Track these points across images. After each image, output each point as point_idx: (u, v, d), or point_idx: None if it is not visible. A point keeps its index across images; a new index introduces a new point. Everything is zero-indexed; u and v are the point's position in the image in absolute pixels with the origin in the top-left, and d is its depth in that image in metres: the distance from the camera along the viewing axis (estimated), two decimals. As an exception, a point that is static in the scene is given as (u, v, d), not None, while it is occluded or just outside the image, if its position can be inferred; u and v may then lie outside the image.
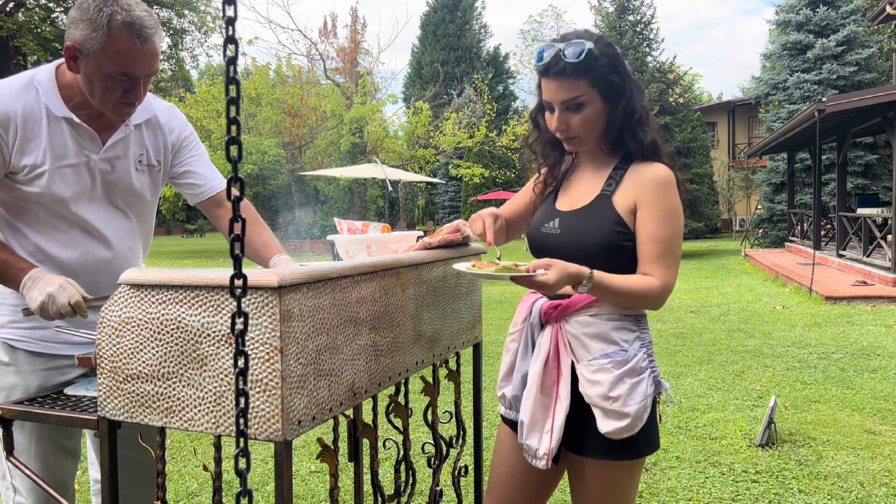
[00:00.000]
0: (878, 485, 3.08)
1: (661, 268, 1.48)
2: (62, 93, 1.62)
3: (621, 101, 1.52)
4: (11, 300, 1.68)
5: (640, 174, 1.53)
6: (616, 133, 1.55)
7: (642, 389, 1.49)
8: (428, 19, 34.64)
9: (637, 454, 1.53)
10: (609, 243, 1.50)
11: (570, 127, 1.52)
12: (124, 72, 1.53)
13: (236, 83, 0.75)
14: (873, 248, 10.22)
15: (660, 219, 1.49)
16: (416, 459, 3.24)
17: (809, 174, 16.59)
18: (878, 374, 4.99)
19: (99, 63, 1.51)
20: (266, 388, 1.15)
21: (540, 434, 1.52)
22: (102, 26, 1.48)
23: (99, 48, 1.50)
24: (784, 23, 17.96)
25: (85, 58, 1.53)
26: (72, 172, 1.64)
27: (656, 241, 1.48)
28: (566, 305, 1.53)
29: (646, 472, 3.28)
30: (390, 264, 1.53)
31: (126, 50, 1.51)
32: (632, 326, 1.53)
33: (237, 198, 0.76)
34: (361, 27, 27.63)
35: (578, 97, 1.48)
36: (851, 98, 9.50)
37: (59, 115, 1.60)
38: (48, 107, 1.60)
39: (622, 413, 1.46)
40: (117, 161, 1.71)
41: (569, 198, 1.63)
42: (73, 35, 1.53)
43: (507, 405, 1.65)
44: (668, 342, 6.31)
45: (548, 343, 1.54)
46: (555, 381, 1.53)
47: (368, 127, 21.15)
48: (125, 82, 1.55)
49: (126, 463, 1.58)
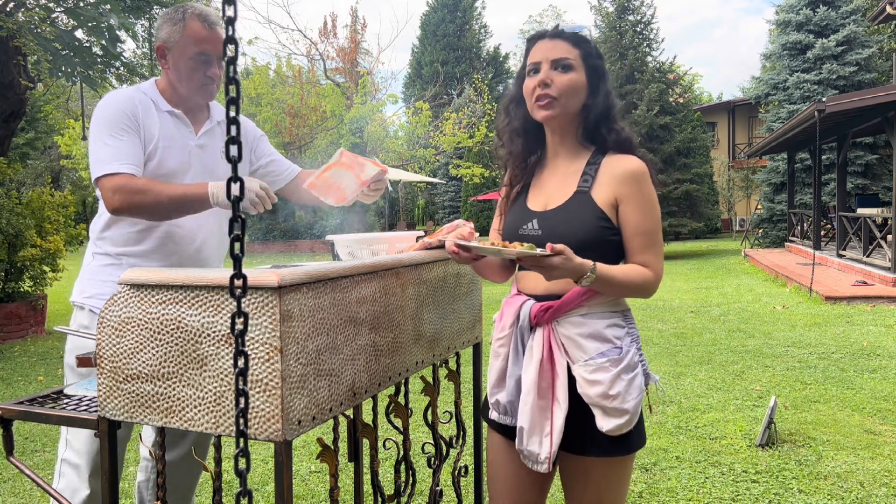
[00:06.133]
0: (878, 485, 3.08)
1: (651, 257, 1.53)
2: (162, 95, 1.98)
3: (601, 89, 1.58)
4: (100, 276, 1.97)
5: (615, 168, 1.55)
6: (595, 123, 1.59)
7: (638, 384, 1.51)
8: (428, 19, 34.63)
9: (633, 448, 1.54)
10: (595, 239, 1.51)
11: (553, 83, 1.54)
12: (202, 51, 1.90)
13: (236, 83, 0.75)
14: (873, 248, 10.22)
15: (643, 211, 1.54)
16: (416, 459, 3.24)
17: (809, 174, 16.59)
18: (878, 374, 4.99)
19: (182, 49, 1.90)
20: (266, 388, 1.15)
21: (540, 438, 1.50)
22: (180, 19, 1.89)
23: (179, 37, 1.89)
24: (784, 23, 17.95)
25: (170, 51, 1.91)
26: (176, 153, 1.96)
27: (643, 232, 1.53)
28: (557, 307, 1.51)
29: (646, 472, 3.28)
30: (390, 264, 1.53)
31: (199, 33, 1.89)
32: (621, 322, 1.55)
33: (237, 198, 0.76)
34: (361, 27, 27.57)
35: (569, 59, 1.55)
36: (851, 98, 9.49)
37: (164, 109, 1.96)
38: (155, 102, 1.96)
39: (622, 410, 1.47)
40: (209, 147, 2.04)
41: (542, 197, 1.63)
42: (160, 36, 1.93)
43: (502, 411, 1.61)
44: (668, 342, 6.30)
45: (540, 346, 1.52)
46: (550, 384, 1.52)
47: (368, 127, 21.14)
48: (204, 63, 1.92)
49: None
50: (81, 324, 1.98)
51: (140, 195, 1.79)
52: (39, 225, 7.42)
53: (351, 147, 20.78)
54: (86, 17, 6.56)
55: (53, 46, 6.76)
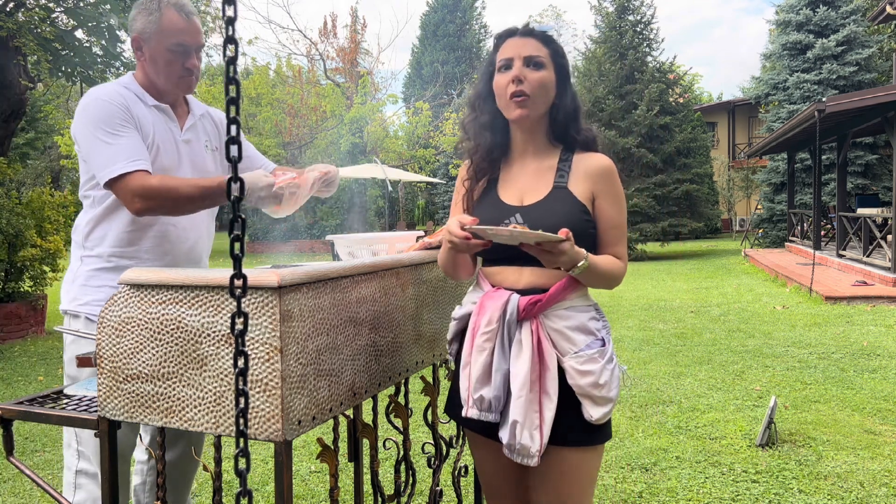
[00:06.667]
0: (878, 485, 3.08)
1: (622, 249, 1.62)
2: (144, 89, 1.92)
3: (567, 89, 1.64)
4: (93, 282, 1.91)
5: (588, 165, 1.62)
6: (563, 122, 1.64)
7: (617, 374, 1.57)
8: (428, 19, 34.62)
9: (606, 437, 1.60)
10: (579, 231, 1.54)
11: (526, 80, 1.57)
12: (180, 42, 1.86)
13: (236, 83, 0.75)
14: (873, 248, 10.21)
15: (616, 205, 1.62)
16: (416, 459, 3.24)
17: (809, 174, 16.59)
18: (878, 374, 4.99)
19: (158, 40, 1.85)
20: (266, 388, 1.15)
21: (531, 432, 1.51)
22: (155, 10, 1.84)
23: (156, 28, 1.84)
24: (784, 23, 17.95)
25: (147, 42, 1.86)
26: (168, 148, 1.93)
27: (616, 226, 1.62)
28: (546, 300, 1.53)
29: (645, 472, 3.28)
30: (390, 264, 1.53)
31: (177, 25, 1.85)
32: (597, 316, 1.61)
33: (237, 198, 0.76)
34: (361, 27, 27.56)
35: (540, 57, 1.59)
36: (851, 98, 9.49)
37: (150, 104, 1.91)
38: (140, 97, 1.90)
39: (608, 398, 1.52)
40: (194, 142, 2.02)
41: (516, 192, 1.64)
42: (134, 27, 1.87)
43: (485, 407, 1.55)
44: (668, 342, 6.30)
45: (529, 339, 1.53)
46: (538, 377, 1.53)
47: (368, 127, 21.14)
48: (181, 54, 1.87)
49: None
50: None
51: (162, 195, 1.74)
52: (39, 225, 7.43)
53: (351, 147, 20.79)
54: (86, 17, 6.56)
55: (53, 46, 6.76)
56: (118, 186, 1.76)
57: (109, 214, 1.90)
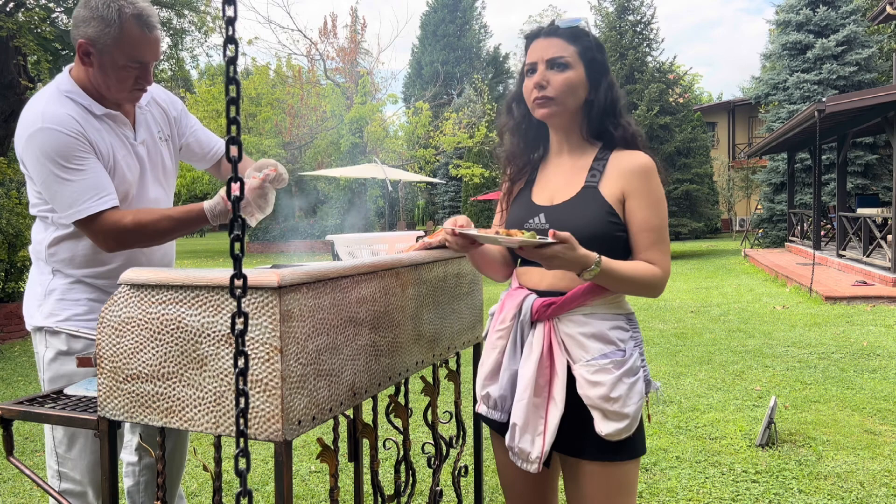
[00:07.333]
0: (878, 485, 3.08)
1: (658, 254, 1.50)
2: (87, 94, 1.74)
3: (602, 83, 1.56)
4: (71, 295, 1.79)
5: (623, 163, 1.54)
6: (599, 119, 1.57)
7: (639, 389, 1.48)
8: (428, 19, 34.63)
9: (632, 454, 1.50)
10: (603, 234, 1.48)
11: (549, 84, 1.52)
12: (137, 59, 1.68)
13: (236, 83, 0.75)
14: (873, 248, 10.21)
15: (650, 207, 1.51)
16: (416, 459, 3.24)
17: (809, 174, 16.58)
18: (878, 374, 4.99)
19: (114, 54, 1.66)
20: (266, 388, 1.15)
21: (532, 436, 1.48)
22: (114, 21, 1.63)
23: (113, 41, 1.64)
24: (784, 23, 17.96)
25: (99, 52, 1.66)
26: (127, 161, 1.79)
27: (650, 229, 1.50)
28: (561, 303, 1.49)
29: (646, 472, 3.28)
30: (390, 264, 1.53)
31: (137, 39, 1.66)
32: (625, 326, 1.52)
33: (237, 197, 0.76)
34: (361, 27, 27.54)
35: (564, 57, 1.53)
36: (851, 98, 9.49)
37: (99, 113, 1.74)
38: (89, 108, 1.72)
39: (622, 414, 1.44)
40: (149, 141, 1.88)
41: (547, 192, 1.61)
42: (85, 32, 1.66)
43: (492, 405, 1.57)
44: (668, 342, 6.30)
45: (540, 342, 1.50)
46: (547, 382, 1.49)
47: (368, 127, 21.14)
48: (137, 69, 1.70)
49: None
50: (59, 350, 1.78)
51: (137, 234, 1.65)
52: (39, 225, 7.42)
53: (351, 147, 20.80)
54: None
55: (53, 46, 6.76)
56: (88, 227, 1.65)
57: (73, 238, 1.77)
